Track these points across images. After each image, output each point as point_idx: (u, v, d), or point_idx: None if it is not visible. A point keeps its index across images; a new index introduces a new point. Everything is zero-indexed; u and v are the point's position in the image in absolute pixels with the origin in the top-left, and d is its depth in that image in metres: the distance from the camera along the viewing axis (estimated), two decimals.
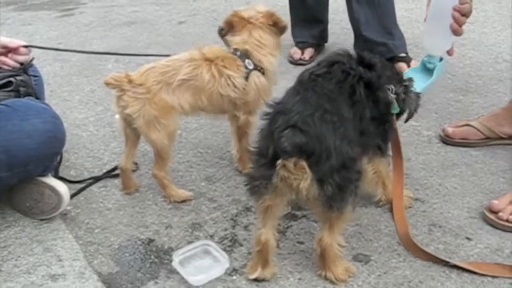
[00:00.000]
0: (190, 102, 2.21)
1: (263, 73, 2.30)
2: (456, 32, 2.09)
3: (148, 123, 2.14)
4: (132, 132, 2.26)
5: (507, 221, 2.04)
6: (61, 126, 2.22)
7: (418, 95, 2.09)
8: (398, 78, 2.05)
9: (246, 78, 2.27)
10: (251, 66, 2.28)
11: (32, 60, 2.43)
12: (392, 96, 1.96)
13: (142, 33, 4.65)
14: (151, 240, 2.09)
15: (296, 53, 3.66)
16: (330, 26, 3.95)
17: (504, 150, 2.54)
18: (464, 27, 2.12)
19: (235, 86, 2.24)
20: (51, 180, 2.18)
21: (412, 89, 2.07)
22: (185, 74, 2.18)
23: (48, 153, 2.15)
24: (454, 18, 2.06)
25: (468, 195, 2.24)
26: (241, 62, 2.27)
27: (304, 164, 1.59)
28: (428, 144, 2.62)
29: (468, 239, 2.01)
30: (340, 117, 1.70)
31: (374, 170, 2.08)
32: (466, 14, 2.09)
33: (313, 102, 1.70)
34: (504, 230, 2.03)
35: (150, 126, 2.15)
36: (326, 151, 1.60)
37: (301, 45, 3.70)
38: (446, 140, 2.61)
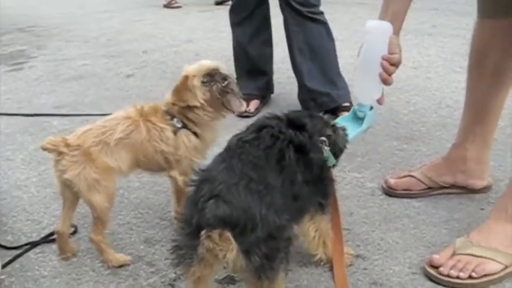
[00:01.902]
0: (127, 161, 2.18)
1: (194, 133, 2.27)
2: (385, 81, 2.09)
3: (89, 187, 2.10)
4: (71, 195, 2.20)
5: (448, 276, 2.01)
6: None
7: (344, 129, 2.09)
8: (326, 123, 2.04)
9: (175, 132, 2.24)
10: (179, 125, 2.25)
11: None
12: (327, 148, 1.95)
13: (91, 88, 4.63)
14: None
15: None
16: (276, 75, 3.98)
17: (446, 199, 2.54)
18: (409, 73, 2.13)
19: (167, 140, 2.22)
20: None
21: (337, 126, 2.07)
22: (121, 132, 2.15)
23: None
24: (382, 67, 2.06)
25: (410, 250, 2.21)
26: (170, 120, 2.25)
27: (228, 235, 1.55)
28: (371, 197, 2.61)
29: None
30: (267, 185, 1.67)
31: (315, 228, 2.05)
32: (395, 64, 2.09)
33: (238, 170, 1.68)
34: (445, 286, 2.01)
35: (90, 190, 2.10)
36: (251, 222, 1.57)
37: (247, 97, 3.68)
38: (389, 191, 2.60)
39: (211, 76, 2.24)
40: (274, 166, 1.76)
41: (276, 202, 1.66)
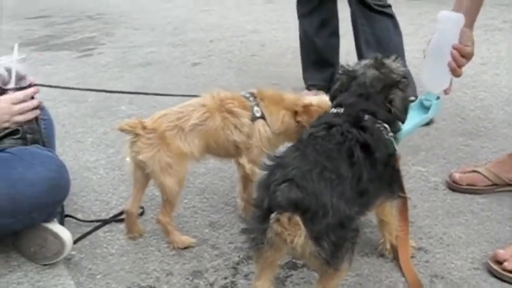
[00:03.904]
0: (200, 147, 2.24)
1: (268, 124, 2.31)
2: (454, 71, 2.08)
3: (162, 170, 2.17)
4: (142, 177, 2.28)
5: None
6: (65, 174, 2.24)
7: (405, 79, 2.00)
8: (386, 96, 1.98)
9: (252, 120, 2.28)
10: (258, 114, 2.30)
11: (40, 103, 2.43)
12: (390, 135, 1.94)
13: (157, 74, 4.72)
14: None
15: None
16: None
17: (511, 197, 2.50)
18: (476, 69, 2.11)
19: (242, 126, 2.26)
20: (54, 226, 2.21)
21: (396, 94, 1.98)
22: (196, 118, 2.21)
23: (51, 200, 2.18)
24: (452, 56, 2.06)
25: (473, 245, 2.20)
26: (250, 105, 2.29)
27: (298, 219, 1.57)
28: (435, 191, 2.59)
29: None
30: (339, 175, 1.69)
31: (384, 214, 2.06)
32: (466, 56, 2.09)
33: (312, 158, 1.71)
34: (509, 282, 1.99)
35: (163, 172, 2.18)
36: (322, 208, 1.59)
37: (312, 88, 3.72)
38: (453, 186, 2.58)
39: None
40: (346, 160, 1.78)
41: (346, 193, 1.67)
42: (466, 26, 2.11)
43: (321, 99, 2.34)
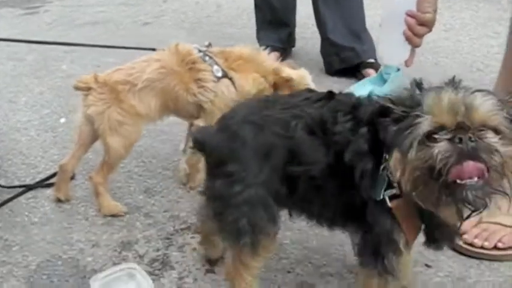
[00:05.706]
0: (157, 106, 2.07)
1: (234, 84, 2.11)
2: (410, 41, 1.83)
3: (111, 128, 2.00)
4: (88, 133, 2.09)
5: (471, 245, 1.84)
6: None
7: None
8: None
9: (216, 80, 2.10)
10: (219, 74, 2.10)
11: None
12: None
13: (105, 34, 4.45)
14: (73, 260, 1.86)
15: None
16: (301, 29, 3.79)
17: None
18: (439, 35, 1.86)
19: (206, 86, 2.08)
20: None
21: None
22: (150, 73, 2.04)
23: None
24: (407, 24, 1.82)
25: None
26: (209, 67, 2.10)
27: None
28: None
29: (427, 266, 1.79)
30: None
31: None
32: (425, 24, 1.84)
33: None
34: (468, 256, 1.84)
35: (111, 131, 2.01)
36: None
37: (266, 49, 3.49)
38: None
39: None
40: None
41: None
42: None
43: (299, 75, 2.16)
